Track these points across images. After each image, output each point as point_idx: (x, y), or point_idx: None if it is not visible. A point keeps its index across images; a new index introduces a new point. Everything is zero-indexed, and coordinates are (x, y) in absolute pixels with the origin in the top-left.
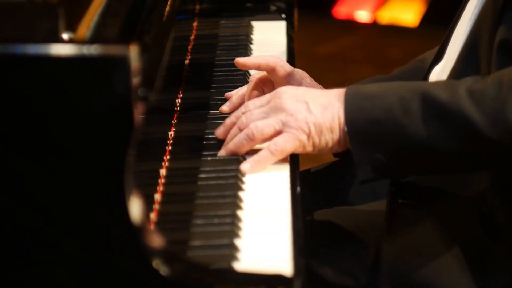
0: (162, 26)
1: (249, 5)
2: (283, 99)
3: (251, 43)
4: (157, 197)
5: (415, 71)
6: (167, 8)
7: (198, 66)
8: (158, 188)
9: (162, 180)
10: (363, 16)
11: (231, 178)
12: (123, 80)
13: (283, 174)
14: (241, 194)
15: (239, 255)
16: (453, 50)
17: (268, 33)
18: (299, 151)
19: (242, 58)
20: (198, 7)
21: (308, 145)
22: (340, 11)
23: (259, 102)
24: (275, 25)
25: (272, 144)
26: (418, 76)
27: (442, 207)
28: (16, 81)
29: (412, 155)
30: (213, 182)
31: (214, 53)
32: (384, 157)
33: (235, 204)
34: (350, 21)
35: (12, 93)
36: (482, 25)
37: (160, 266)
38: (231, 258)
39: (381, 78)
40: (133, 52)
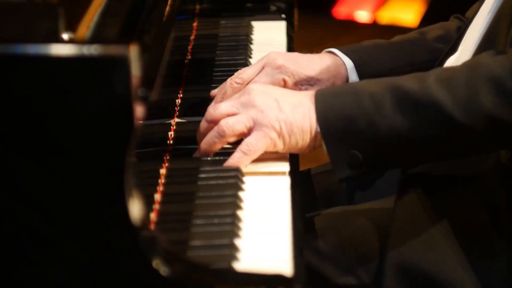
0: (162, 26)
1: (249, 5)
2: (253, 96)
3: (251, 43)
4: (157, 197)
5: (413, 42)
6: (167, 8)
7: (198, 66)
8: (158, 188)
9: (162, 180)
10: (363, 16)
11: (231, 178)
12: (123, 80)
13: (283, 174)
14: (241, 194)
15: (239, 255)
16: (469, 42)
17: (268, 33)
18: (270, 149)
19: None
20: (198, 7)
21: (279, 143)
22: (340, 11)
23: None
24: (275, 25)
25: (244, 145)
26: (416, 46)
27: (449, 199)
28: (16, 81)
29: (387, 148)
30: (213, 182)
31: (214, 53)
32: (360, 153)
33: (235, 204)
34: (350, 21)
35: (12, 93)
36: (500, 20)
37: (160, 266)
38: (231, 258)
39: (381, 42)
40: (133, 52)
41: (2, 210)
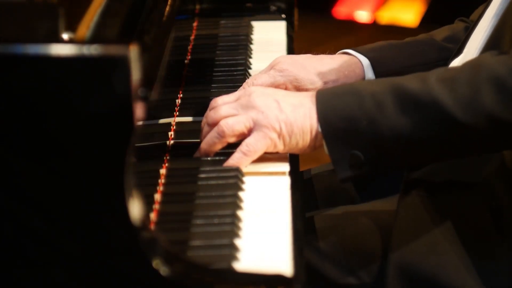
0: (162, 26)
1: (249, 5)
2: (253, 97)
3: (251, 43)
4: (157, 197)
5: (424, 42)
6: (167, 8)
7: (198, 66)
8: (158, 188)
9: (162, 180)
10: (363, 16)
11: (231, 178)
12: (123, 80)
13: (283, 174)
14: (241, 194)
15: (239, 255)
16: (474, 45)
17: (268, 33)
18: (270, 150)
19: None
20: (198, 7)
21: (279, 144)
22: (340, 11)
23: (227, 99)
24: (275, 25)
25: (244, 146)
26: (426, 45)
27: (451, 201)
28: (16, 81)
29: (389, 149)
30: (213, 182)
31: (214, 53)
32: (361, 153)
33: (235, 204)
34: (350, 21)
35: (12, 93)
36: (505, 23)
37: (160, 266)
38: (231, 258)
39: (394, 42)
40: (133, 52)
41: (2, 210)
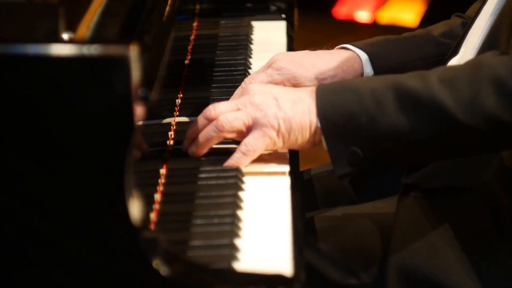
0: (162, 26)
1: (249, 5)
2: (252, 95)
3: (251, 43)
4: (157, 197)
5: (421, 37)
6: (167, 8)
7: (198, 66)
8: (158, 188)
9: (162, 180)
10: (363, 16)
11: (231, 178)
12: (123, 80)
13: (283, 174)
14: (241, 194)
15: (239, 255)
16: (471, 44)
17: (268, 33)
18: (269, 148)
19: None
20: (198, 7)
21: (278, 141)
22: (340, 11)
23: (228, 104)
24: (275, 25)
25: (243, 145)
26: (423, 40)
27: (451, 203)
28: (16, 81)
29: (388, 146)
30: (213, 182)
31: (214, 53)
32: (360, 150)
33: (235, 204)
34: (350, 21)
35: (12, 93)
36: (502, 23)
37: (160, 266)
38: (231, 258)
39: (391, 37)
40: (133, 52)
41: (2, 210)
